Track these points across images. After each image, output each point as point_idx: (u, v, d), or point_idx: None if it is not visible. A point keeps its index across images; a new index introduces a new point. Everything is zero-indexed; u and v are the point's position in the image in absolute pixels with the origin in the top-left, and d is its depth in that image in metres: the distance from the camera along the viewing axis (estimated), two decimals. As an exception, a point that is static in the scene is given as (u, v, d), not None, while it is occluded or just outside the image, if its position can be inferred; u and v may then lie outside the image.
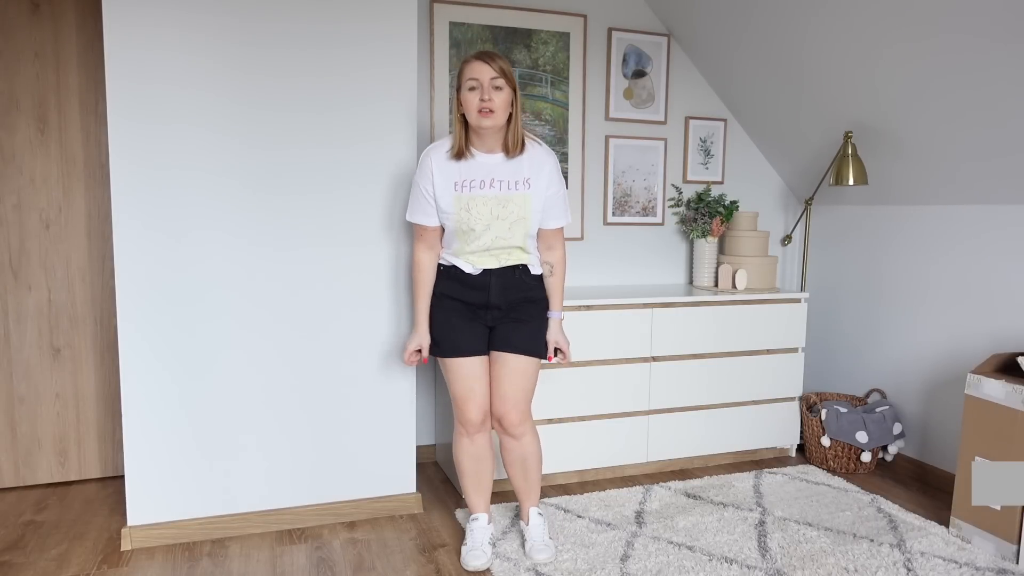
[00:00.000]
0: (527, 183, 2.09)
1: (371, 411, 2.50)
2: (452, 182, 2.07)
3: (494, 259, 2.13)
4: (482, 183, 2.08)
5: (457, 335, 2.15)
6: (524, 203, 2.10)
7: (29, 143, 2.65)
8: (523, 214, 2.10)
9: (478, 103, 1.98)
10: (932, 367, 2.93)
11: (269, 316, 2.35)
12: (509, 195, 2.08)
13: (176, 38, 2.17)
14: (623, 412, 2.89)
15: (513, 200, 2.09)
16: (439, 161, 2.09)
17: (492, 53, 2.02)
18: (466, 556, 2.17)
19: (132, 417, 2.24)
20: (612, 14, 3.21)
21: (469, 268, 2.13)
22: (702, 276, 3.30)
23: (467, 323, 2.16)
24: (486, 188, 2.08)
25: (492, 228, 2.08)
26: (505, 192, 2.08)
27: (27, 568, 2.15)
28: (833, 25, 2.61)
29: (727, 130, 3.49)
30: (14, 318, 2.69)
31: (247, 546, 2.31)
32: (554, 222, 2.20)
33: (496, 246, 2.11)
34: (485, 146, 2.08)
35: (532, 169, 2.11)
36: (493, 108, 1.99)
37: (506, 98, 2.01)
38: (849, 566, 2.20)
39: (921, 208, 2.96)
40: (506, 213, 2.08)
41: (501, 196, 2.08)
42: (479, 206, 2.07)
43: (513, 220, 2.09)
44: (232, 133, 2.26)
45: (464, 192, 2.07)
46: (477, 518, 2.27)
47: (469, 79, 2.00)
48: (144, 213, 2.19)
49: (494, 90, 1.99)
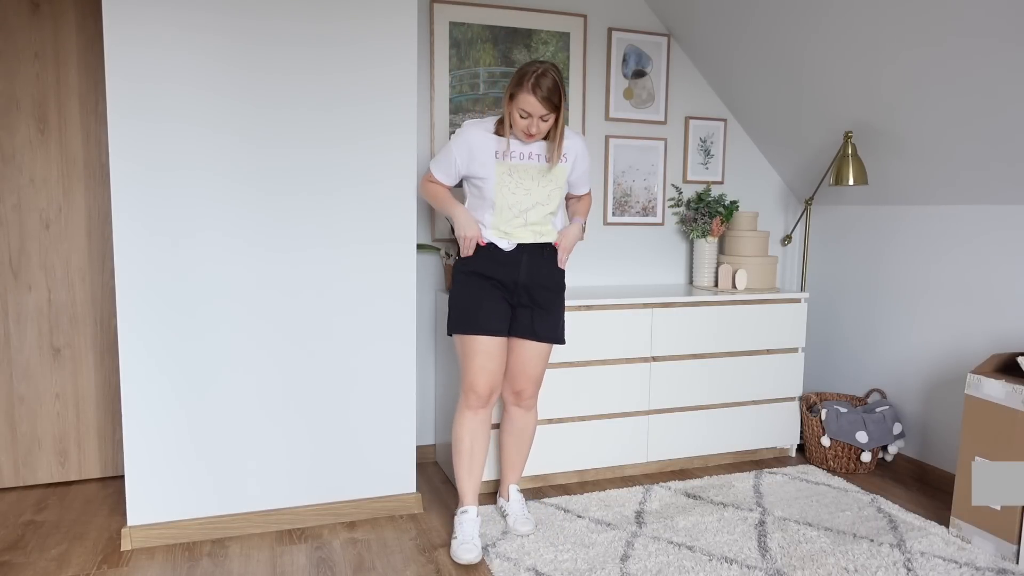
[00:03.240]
0: (564, 157, 2.27)
1: (371, 411, 2.50)
2: (494, 151, 2.21)
3: (530, 232, 2.26)
4: (522, 155, 2.23)
5: (484, 314, 2.24)
6: (561, 174, 2.28)
7: (29, 143, 2.65)
8: (560, 183, 2.27)
9: (525, 128, 2.15)
10: (932, 367, 2.93)
11: (269, 317, 2.35)
12: (548, 165, 2.25)
13: (176, 37, 2.17)
14: (623, 412, 2.89)
15: (553, 171, 2.26)
16: (479, 135, 2.21)
17: (546, 83, 2.09)
18: (457, 549, 2.20)
19: (132, 417, 2.24)
20: (612, 14, 3.21)
21: (504, 243, 2.25)
22: (702, 276, 3.30)
23: (494, 303, 2.26)
24: (525, 159, 2.23)
25: (532, 193, 2.24)
26: (544, 163, 2.25)
27: (27, 568, 2.15)
28: (833, 25, 2.61)
29: (727, 130, 3.49)
30: (14, 318, 2.69)
31: (247, 546, 2.31)
32: (584, 187, 2.45)
33: (535, 214, 2.25)
34: None
35: (568, 149, 2.29)
36: (537, 135, 2.17)
37: (551, 122, 2.17)
38: (849, 566, 2.20)
39: (921, 208, 2.96)
40: (546, 181, 2.25)
41: (541, 166, 2.25)
42: (521, 171, 2.22)
43: (552, 188, 2.26)
44: (232, 132, 2.26)
45: (506, 160, 2.21)
46: (467, 511, 2.32)
47: (521, 108, 2.11)
48: (144, 213, 2.19)
49: (542, 121, 2.15)
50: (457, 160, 2.24)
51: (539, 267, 2.29)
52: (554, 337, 2.34)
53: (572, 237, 2.35)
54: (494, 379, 2.29)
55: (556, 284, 2.34)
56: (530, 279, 2.29)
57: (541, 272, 2.30)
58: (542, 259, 2.30)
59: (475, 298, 2.26)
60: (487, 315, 2.25)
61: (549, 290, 2.32)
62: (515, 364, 2.37)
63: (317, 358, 2.41)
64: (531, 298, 2.30)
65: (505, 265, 2.26)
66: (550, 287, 2.32)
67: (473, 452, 2.34)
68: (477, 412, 2.32)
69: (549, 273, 2.31)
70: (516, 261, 2.27)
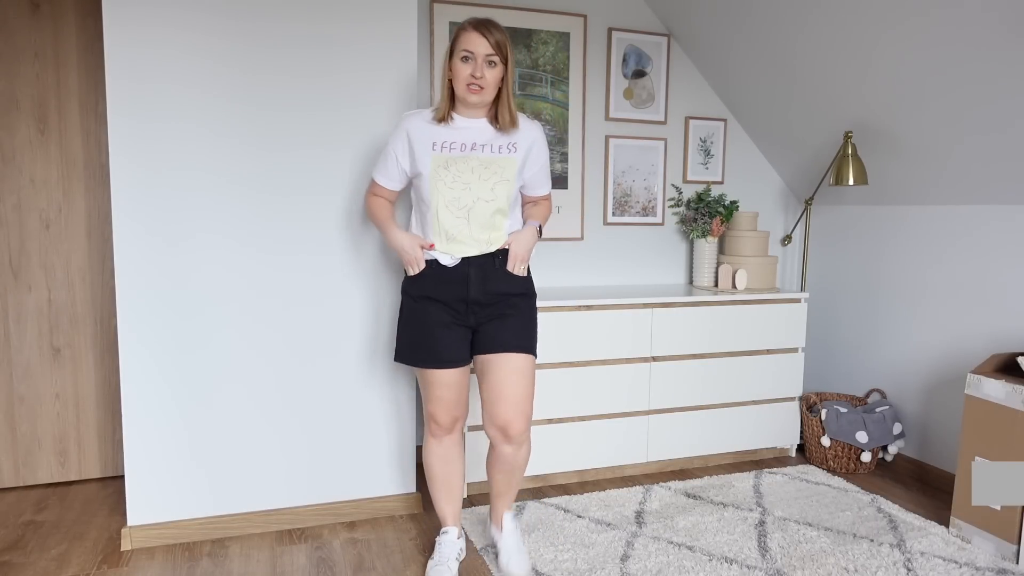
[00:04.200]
0: (512, 147, 2.00)
1: (371, 411, 2.50)
2: (431, 142, 1.97)
3: (473, 242, 1.98)
4: (463, 146, 1.98)
5: (436, 343, 1.99)
6: (508, 165, 1.99)
7: (29, 143, 2.65)
8: (507, 176, 1.99)
9: (468, 77, 1.89)
10: (932, 367, 2.93)
11: (270, 317, 2.35)
12: (493, 157, 1.98)
13: (177, 38, 2.17)
14: (623, 412, 2.89)
15: (496, 162, 1.98)
16: (417, 124, 1.99)
17: (490, 23, 1.90)
18: (430, 571, 2.05)
19: (132, 417, 2.24)
20: (612, 14, 3.21)
21: (447, 260, 1.98)
22: (702, 276, 3.30)
23: (446, 329, 2.00)
24: (467, 151, 1.97)
25: (472, 188, 1.96)
26: (489, 154, 1.98)
27: (27, 568, 2.15)
28: (833, 25, 2.61)
29: (727, 130, 3.49)
30: (14, 318, 2.69)
31: (247, 546, 2.31)
32: (541, 189, 2.13)
33: (478, 213, 1.96)
34: (469, 112, 1.99)
35: (519, 136, 2.02)
36: (483, 85, 1.90)
37: (498, 74, 1.92)
38: (849, 566, 2.20)
39: (921, 208, 2.96)
40: (488, 174, 1.97)
41: (484, 158, 1.97)
42: (459, 164, 1.96)
43: (496, 181, 1.97)
44: (232, 134, 2.26)
45: (443, 151, 1.96)
46: (447, 531, 2.16)
47: (463, 49, 1.89)
48: (144, 214, 2.19)
49: (487, 66, 1.90)
50: (397, 155, 2.01)
51: (491, 277, 2.00)
52: (523, 344, 2.01)
53: (524, 240, 2.03)
54: (455, 408, 2.07)
55: (517, 288, 2.04)
56: (482, 293, 1.99)
57: (495, 282, 2.00)
58: (493, 269, 2.01)
59: (422, 324, 2.00)
60: (442, 344, 1.99)
61: (510, 295, 2.03)
62: (490, 390, 2.02)
63: (317, 358, 2.41)
64: (489, 311, 2.02)
65: (451, 283, 1.98)
66: (510, 292, 2.02)
67: (448, 478, 2.15)
68: (442, 440, 2.12)
69: (506, 282, 2.02)
70: (463, 277, 1.98)
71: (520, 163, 2.01)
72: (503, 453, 2.07)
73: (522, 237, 2.03)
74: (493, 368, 2.01)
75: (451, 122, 1.99)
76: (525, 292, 2.06)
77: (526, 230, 2.04)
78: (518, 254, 2.02)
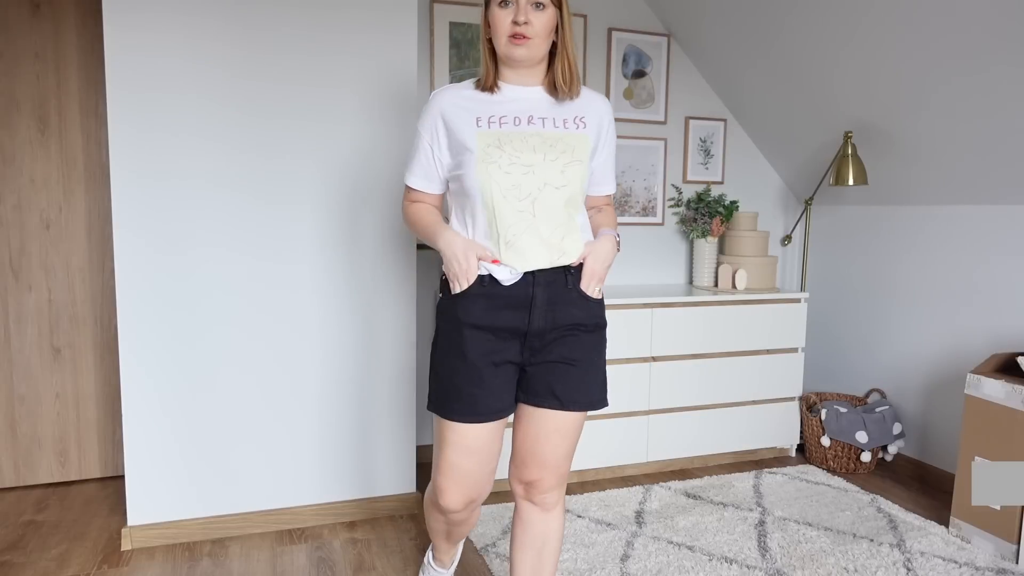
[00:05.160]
0: (581, 121, 1.53)
1: (371, 411, 2.50)
2: (474, 117, 1.49)
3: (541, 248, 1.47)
4: (517, 119, 1.50)
5: (474, 387, 1.48)
6: (580, 143, 1.51)
7: (29, 144, 2.65)
8: (580, 156, 1.50)
9: (509, 26, 1.43)
10: (932, 367, 2.93)
11: (269, 317, 2.35)
12: (558, 132, 1.50)
13: (177, 43, 2.17)
14: (623, 412, 2.89)
15: (564, 139, 1.50)
16: (452, 99, 1.52)
17: None
18: None
19: (132, 417, 2.25)
20: (612, 14, 3.21)
21: (504, 274, 1.47)
22: (702, 276, 3.31)
23: (489, 370, 1.49)
24: (523, 125, 1.50)
25: (537, 171, 1.46)
26: (552, 129, 1.50)
27: (27, 568, 2.15)
28: (833, 25, 2.61)
29: (727, 130, 3.49)
30: (14, 318, 2.69)
31: (247, 546, 2.31)
32: (607, 184, 1.65)
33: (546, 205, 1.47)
34: (520, 77, 1.52)
35: (587, 109, 1.55)
36: (529, 34, 1.44)
37: (549, 20, 1.45)
38: (849, 566, 2.20)
39: (921, 208, 2.96)
40: (555, 153, 1.48)
41: (547, 133, 1.49)
42: (515, 142, 1.47)
43: (568, 161, 1.48)
44: (231, 137, 2.26)
45: (491, 127, 1.49)
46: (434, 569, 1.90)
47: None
48: (144, 215, 2.20)
49: (533, 8, 1.43)
50: (431, 145, 1.54)
51: (563, 303, 1.50)
52: (590, 400, 1.54)
53: (603, 254, 1.52)
54: (473, 487, 1.55)
55: (591, 320, 1.53)
56: (548, 321, 1.49)
57: (566, 307, 1.50)
58: (565, 290, 1.50)
59: (461, 364, 1.49)
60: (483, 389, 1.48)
61: (581, 330, 1.52)
62: (524, 442, 1.56)
63: (317, 358, 2.42)
64: (551, 348, 1.52)
65: (508, 309, 1.47)
66: (582, 325, 1.52)
67: (452, 537, 1.77)
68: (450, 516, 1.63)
69: (580, 308, 1.51)
70: (525, 300, 1.47)
71: (594, 140, 1.54)
72: (529, 519, 1.60)
73: (601, 249, 1.53)
74: (538, 422, 1.55)
75: (498, 91, 1.53)
76: (599, 324, 1.56)
77: (603, 240, 1.54)
78: (595, 271, 1.51)
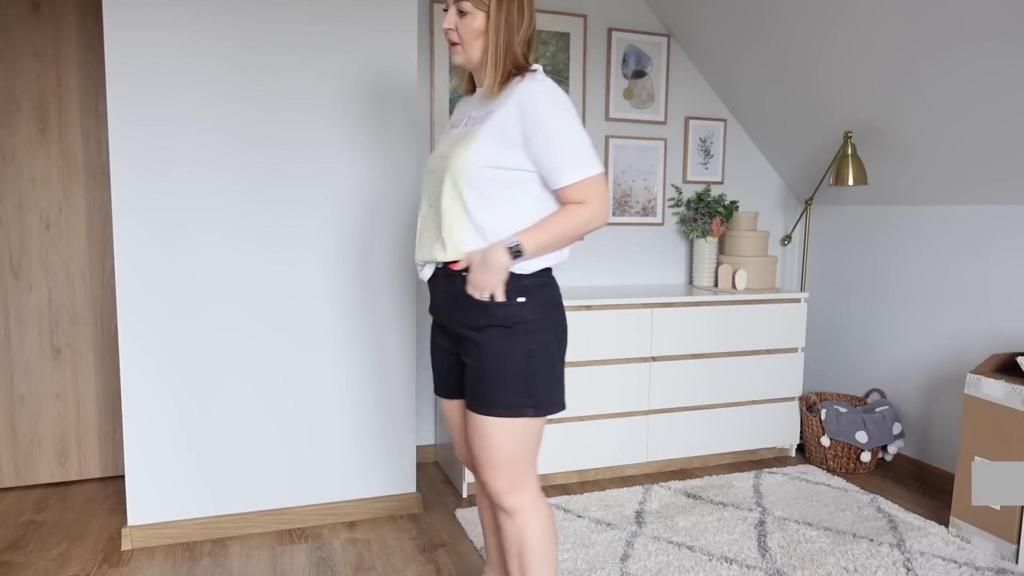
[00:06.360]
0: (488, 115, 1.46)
1: (371, 411, 2.50)
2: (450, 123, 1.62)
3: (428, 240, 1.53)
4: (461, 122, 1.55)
5: (434, 369, 1.71)
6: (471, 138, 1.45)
7: (30, 143, 2.65)
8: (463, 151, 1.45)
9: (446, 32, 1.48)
10: (932, 367, 2.93)
11: (269, 317, 2.35)
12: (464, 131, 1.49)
13: (177, 40, 2.17)
14: (623, 412, 2.89)
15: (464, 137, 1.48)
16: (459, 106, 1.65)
17: None
18: None
19: (132, 417, 2.25)
20: (612, 14, 3.21)
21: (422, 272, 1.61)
22: (702, 276, 3.31)
23: (441, 353, 1.65)
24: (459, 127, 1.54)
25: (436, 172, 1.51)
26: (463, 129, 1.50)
27: (27, 568, 2.15)
28: (833, 25, 2.61)
29: (727, 130, 3.49)
30: (14, 318, 2.69)
31: (247, 546, 2.31)
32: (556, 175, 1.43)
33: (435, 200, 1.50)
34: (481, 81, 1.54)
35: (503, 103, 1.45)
36: (455, 39, 1.47)
37: (476, 23, 1.43)
38: (849, 566, 2.20)
39: (921, 208, 2.96)
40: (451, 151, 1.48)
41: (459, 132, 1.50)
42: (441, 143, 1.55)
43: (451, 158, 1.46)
44: (232, 135, 2.26)
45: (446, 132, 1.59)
46: None
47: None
48: (144, 214, 2.20)
49: (457, 14, 1.44)
50: None
51: (462, 302, 1.50)
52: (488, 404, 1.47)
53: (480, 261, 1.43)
54: (461, 447, 1.75)
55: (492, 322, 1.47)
56: (452, 319, 1.54)
57: (466, 310, 1.49)
58: (453, 287, 1.52)
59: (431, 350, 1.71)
60: (436, 371, 1.69)
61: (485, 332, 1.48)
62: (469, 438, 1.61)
63: (317, 358, 2.42)
64: (459, 345, 1.56)
65: (432, 303, 1.61)
66: (476, 325, 1.49)
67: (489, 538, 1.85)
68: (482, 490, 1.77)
69: (479, 310, 1.47)
70: (434, 297, 1.59)
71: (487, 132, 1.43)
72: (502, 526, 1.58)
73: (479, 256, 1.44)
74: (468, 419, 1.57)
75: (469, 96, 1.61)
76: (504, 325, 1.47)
77: (491, 246, 1.43)
78: (471, 278, 1.45)
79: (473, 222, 1.46)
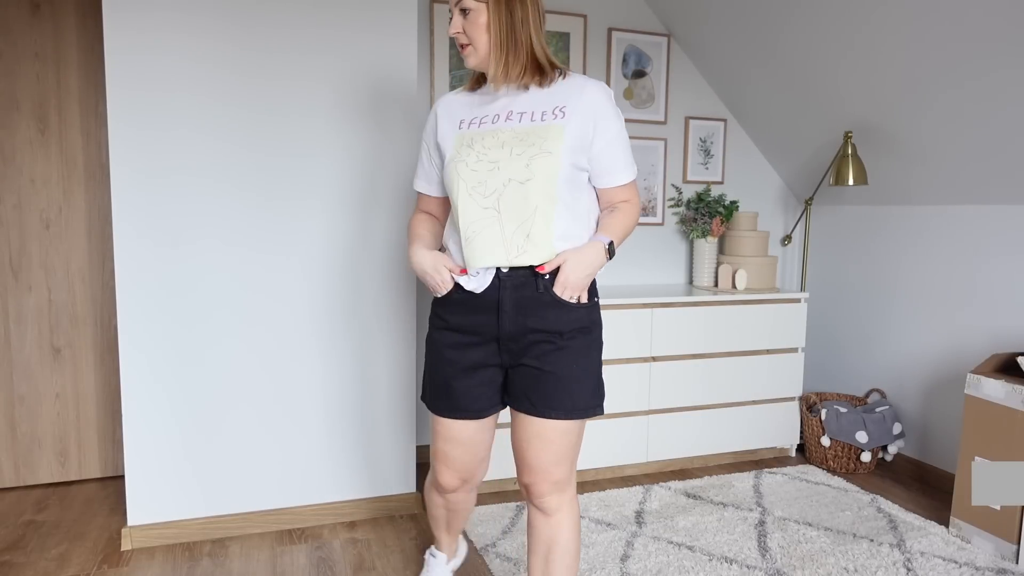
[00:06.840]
0: (560, 111, 1.46)
1: (371, 411, 2.50)
2: (459, 120, 1.54)
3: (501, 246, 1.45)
4: (496, 117, 1.50)
5: (448, 387, 1.55)
6: (551, 132, 1.44)
7: (29, 143, 2.65)
8: (548, 147, 1.42)
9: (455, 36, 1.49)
10: (932, 367, 2.93)
11: (269, 318, 2.35)
12: (531, 126, 1.46)
13: (177, 42, 2.17)
14: (623, 412, 2.89)
15: (535, 132, 1.45)
16: (448, 101, 1.58)
17: None
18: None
19: (132, 417, 2.25)
20: (612, 14, 3.21)
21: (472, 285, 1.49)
22: (702, 276, 3.31)
23: (467, 371, 1.53)
24: (500, 122, 1.49)
25: (502, 167, 1.43)
26: (527, 124, 1.46)
27: (27, 568, 2.15)
28: (833, 25, 2.61)
29: (727, 130, 3.49)
30: (14, 318, 2.69)
31: (247, 546, 2.31)
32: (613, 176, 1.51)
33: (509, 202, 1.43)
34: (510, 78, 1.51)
35: (569, 97, 1.47)
36: (464, 42, 1.47)
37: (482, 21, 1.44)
38: (849, 566, 2.20)
39: (921, 208, 2.96)
40: (523, 147, 1.44)
41: (519, 128, 1.46)
42: (486, 139, 1.47)
43: (533, 154, 1.42)
44: (231, 137, 2.26)
45: (470, 128, 1.51)
46: (435, 555, 1.89)
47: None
48: (144, 215, 2.20)
49: (460, 14, 1.45)
50: (429, 147, 1.60)
51: (535, 308, 1.47)
52: (570, 408, 1.47)
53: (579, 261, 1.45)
54: (462, 467, 1.63)
55: (571, 327, 1.48)
56: (519, 326, 1.47)
57: (540, 314, 1.47)
58: (536, 295, 1.46)
59: (441, 360, 1.55)
60: (461, 388, 1.53)
61: (559, 337, 1.48)
62: (516, 446, 1.56)
63: (317, 358, 2.41)
64: (526, 353, 1.50)
65: (481, 312, 1.49)
66: (559, 332, 1.47)
67: (451, 521, 1.81)
68: (447, 496, 1.72)
69: (556, 314, 1.47)
70: (493, 304, 1.47)
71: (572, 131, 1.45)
72: (533, 523, 1.57)
73: (578, 256, 1.45)
74: (522, 428, 1.53)
75: (485, 91, 1.56)
76: (583, 329, 1.50)
77: (587, 246, 1.46)
78: (568, 279, 1.44)
79: (560, 222, 1.47)
